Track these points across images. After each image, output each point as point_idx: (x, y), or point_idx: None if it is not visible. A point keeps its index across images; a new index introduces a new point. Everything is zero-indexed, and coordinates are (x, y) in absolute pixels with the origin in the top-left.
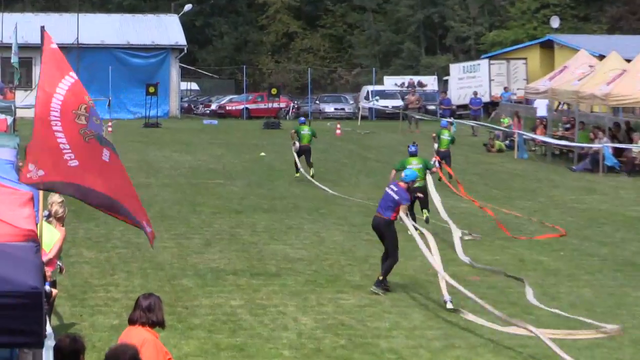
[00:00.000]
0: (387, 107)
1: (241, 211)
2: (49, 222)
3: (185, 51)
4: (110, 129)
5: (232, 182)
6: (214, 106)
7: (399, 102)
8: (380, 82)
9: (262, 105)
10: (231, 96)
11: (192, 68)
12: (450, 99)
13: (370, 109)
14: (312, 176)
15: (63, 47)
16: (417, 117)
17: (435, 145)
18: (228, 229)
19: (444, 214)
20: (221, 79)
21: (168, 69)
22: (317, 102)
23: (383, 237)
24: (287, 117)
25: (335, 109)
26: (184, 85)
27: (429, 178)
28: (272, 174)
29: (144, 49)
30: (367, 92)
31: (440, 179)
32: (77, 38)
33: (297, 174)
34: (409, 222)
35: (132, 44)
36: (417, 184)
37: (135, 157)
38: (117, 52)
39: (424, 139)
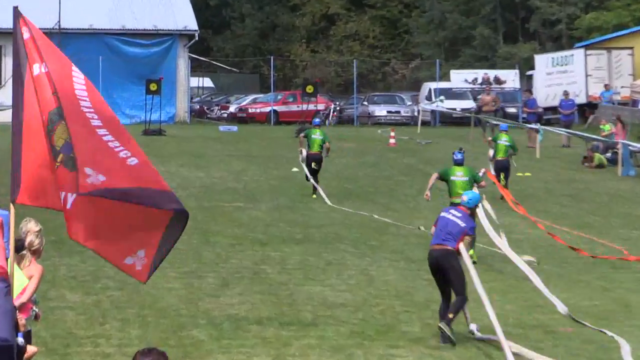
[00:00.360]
0: (454, 109)
1: (267, 242)
2: (22, 256)
3: (197, 38)
4: None
5: (255, 205)
6: (232, 108)
7: (470, 104)
8: (445, 77)
9: (294, 107)
10: (255, 95)
11: (206, 59)
12: (536, 100)
13: (432, 112)
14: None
15: None
16: (494, 122)
17: (491, 152)
18: (250, 265)
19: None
20: (242, 74)
21: (174, 61)
22: (365, 103)
23: (445, 273)
24: (327, 122)
25: (388, 112)
26: (195, 82)
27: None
28: (307, 195)
29: (144, 35)
30: (429, 90)
31: (502, 197)
32: (59, 22)
33: (314, 196)
34: (468, 258)
35: (128, 29)
36: None
37: None
38: (110, 39)
39: None
